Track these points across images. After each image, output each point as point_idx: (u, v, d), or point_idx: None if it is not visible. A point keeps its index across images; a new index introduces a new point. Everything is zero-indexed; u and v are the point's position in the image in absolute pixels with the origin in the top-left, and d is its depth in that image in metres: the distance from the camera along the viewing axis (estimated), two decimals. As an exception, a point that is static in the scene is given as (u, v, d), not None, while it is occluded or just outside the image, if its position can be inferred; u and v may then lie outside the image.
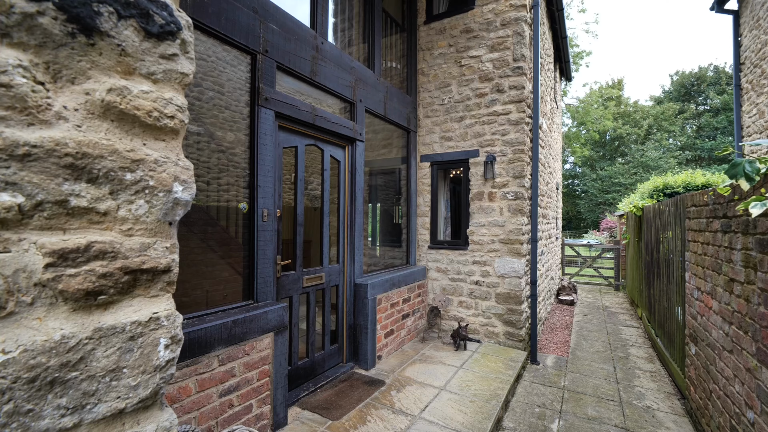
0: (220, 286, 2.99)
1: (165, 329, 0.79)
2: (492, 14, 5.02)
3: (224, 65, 2.95)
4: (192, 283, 2.82)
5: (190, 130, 2.83)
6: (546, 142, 6.63)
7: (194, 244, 2.88)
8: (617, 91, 33.18)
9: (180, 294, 2.71)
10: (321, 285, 3.84)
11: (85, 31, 0.66)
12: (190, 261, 2.80)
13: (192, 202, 0.85)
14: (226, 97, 2.99)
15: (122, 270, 0.72)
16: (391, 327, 4.54)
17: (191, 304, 2.76)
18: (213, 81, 2.91)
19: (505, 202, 4.89)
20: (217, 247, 3.00)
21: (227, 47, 2.92)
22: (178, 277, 2.72)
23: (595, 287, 10.15)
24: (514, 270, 4.78)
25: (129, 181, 0.73)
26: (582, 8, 19.24)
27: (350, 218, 4.22)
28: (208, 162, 2.94)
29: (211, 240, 2.99)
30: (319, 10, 3.82)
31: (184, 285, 2.74)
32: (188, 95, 2.77)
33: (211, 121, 2.88)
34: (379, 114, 4.72)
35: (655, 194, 7.04)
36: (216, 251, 3.00)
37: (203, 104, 2.84)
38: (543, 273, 6.33)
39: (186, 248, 2.82)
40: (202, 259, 2.92)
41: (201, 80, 2.84)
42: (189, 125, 2.85)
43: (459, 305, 5.20)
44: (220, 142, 2.98)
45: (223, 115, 2.99)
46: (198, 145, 2.87)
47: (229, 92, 2.99)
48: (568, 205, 33.67)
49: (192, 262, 2.82)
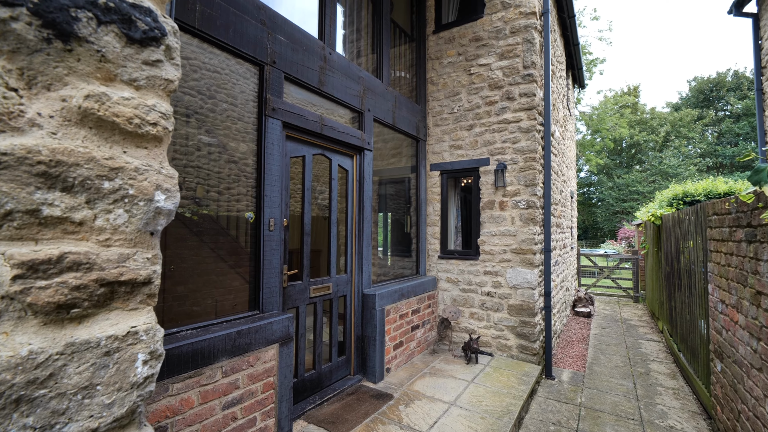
0: (230, 295, 2.99)
1: (144, 344, 0.76)
2: (501, 22, 5.00)
3: (237, 77, 2.99)
4: (203, 292, 2.82)
5: (203, 141, 2.87)
6: (559, 150, 6.51)
7: (205, 254, 2.89)
8: (633, 98, 32.63)
9: (191, 303, 2.73)
10: (328, 295, 3.80)
11: (61, 37, 0.65)
12: (201, 270, 2.81)
13: (177, 211, 0.83)
14: (239, 108, 3.02)
15: (98, 282, 0.69)
16: (400, 339, 4.45)
17: (202, 313, 2.76)
18: (226, 93, 2.95)
19: (516, 211, 4.79)
20: (228, 256, 3.01)
21: (238, 60, 2.96)
22: (190, 286, 2.77)
23: (612, 299, 9.82)
24: (527, 281, 4.65)
25: (107, 189, 0.71)
26: (595, 16, 19.08)
27: (358, 227, 4.18)
28: (221, 172, 2.97)
29: (222, 249, 2.99)
30: (327, 21, 3.85)
31: (195, 294, 2.76)
32: (202, 107, 2.83)
33: (224, 132, 2.92)
34: (387, 123, 4.71)
35: (674, 202, 6.80)
36: (226, 261, 3.00)
37: (217, 116, 2.88)
38: (557, 284, 6.16)
39: (197, 258, 2.84)
40: (213, 268, 2.93)
41: (215, 92, 2.89)
42: (202, 137, 2.90)
43: (470, 317, 5.07)
44: (232, 153, 3.01)
45: (236, 126, 3.03)
46: (211, 156, 2.91)
47: (242, 104, 3.02)
48: (584, 213, 33.01)
49: (203, 272, 2.83)
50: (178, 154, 2.75)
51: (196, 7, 2.60)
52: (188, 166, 2.80)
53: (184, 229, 2.80)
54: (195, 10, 2.59)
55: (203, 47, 2.75)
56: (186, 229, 2.81)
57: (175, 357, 2.24)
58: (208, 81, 2.80)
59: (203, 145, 2.82)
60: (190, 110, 2.75)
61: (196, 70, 2.74)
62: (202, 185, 2.92)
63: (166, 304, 2.64)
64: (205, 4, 2.65)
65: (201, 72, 2.76)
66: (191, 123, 2.77)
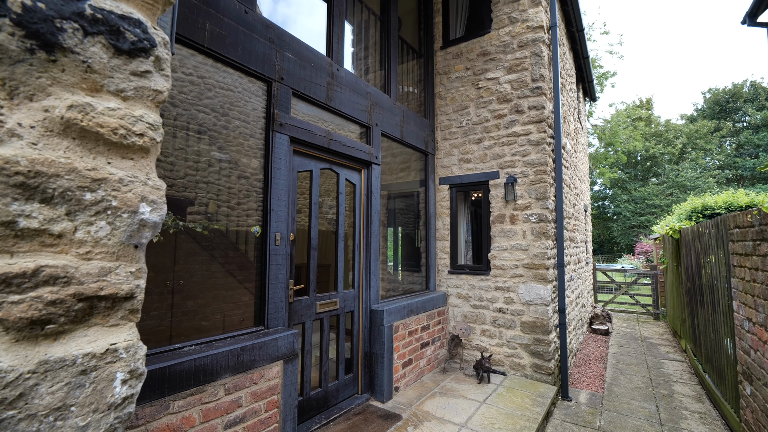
0: (239, 310, 2.97)
1: (123, 362, 0.72)
2: (509, 37, 5.01)
3: (248, 95, 3.05)
4: (212, 307, 2.82)
5: (217, 157, 2.92)
6: (571, 163, 6.41)
7: (215, 269, 2.90)
8: (646, 111, 32.25)
9: (200, 318, 2.72)
10: (335, 311, 3.74)
11: (45, 48, 0.64)
12: (210, 285, 2.82)
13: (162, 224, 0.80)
14: (243, 123, 3.06)
15: (76, 297, 0.67)
16: (409, 356, 4.34)
17: (211, 328, 2.75)
18: (239, 111, 3.01)
19: (528, 225, 4.69)
20: (238, 271, 3.01)
21: (247, 76, 3.01)
22: (200, 301, 2.77)
23: (631, 316, 9.47)
24: (540, 297, 4.51)
25: (89, 201, 0.69)
26: (605, 30, 19.09)
27: (366, 242, 4.14)
28: (233, 188, 3.01)
29: (232, 264, 3.00)
30: (335, 38, 3.92)
31: (205, 309, 2.76)
32: (215, 124, 2.89)
33: (237, 149, 2.96)
34: (395, 137, 4.72)
35: (693, 216, 6.59)
36: (235, 275, 3.00)
37: (230, 132, 2.94)
38: (572, 300, 5.96)
39: (207, 272, 2.85)
40: (223, 283, 2.93)
41: (228, 110, 2.95)
42: (216, 153, 2.95)
43: (482, 334, 4.93)
44: (244, 168, 3.04)
45: (248, 143, 3.08)
46: (224, 172, 2.95)
47: (249, 120, 3.06)
48: (600, 228, 32.33)
49: (213, 286, 2.84)
50: (191, 170, 2.80)
51: (206, 26, 2.67)
52: (201, 181, 2.84)
53: (194, 244, 2.81)
54: (204, 29, 2.66)
55: (211, 64, 2.81)
56: (196, 244, 2.82)
57: (177, 373, 2.20)
58: (221, 99, 2.85)
59: (215, 161, 2.86)
60: (203, 127, 2.80)
61: (210, 88, 2.80)
62: (215, 201, 2.96)
63: (174, 319, 2.63)
64: (214, 24, 2.72)
65: (214, 90, 2.81)
66: (203, 139, 2.82)
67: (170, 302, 2.62)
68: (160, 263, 2.63)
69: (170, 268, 2.68)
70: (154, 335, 2.50)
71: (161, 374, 2.13)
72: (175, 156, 2.72)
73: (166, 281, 2.63)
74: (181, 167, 2.73)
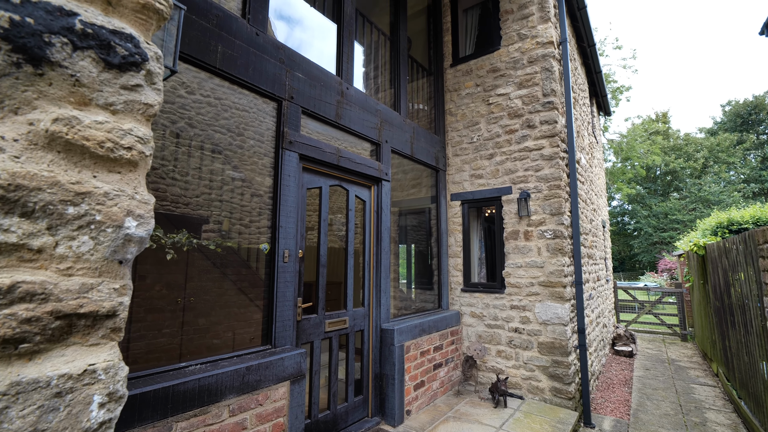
0: (251, 328, 2.95)
1: (102, 384, 0.69)
2: (518, 53, 5.02)
3: (261, 114, 3.12)
4: (224, 325, 2.81)
5: (232, 176, 2.97)
6: (586, 178, 6.27)
7: (227, 286, 2.91)
8: (663, 125, 31.68)
9: (212, 336, 2.70)
10: (344, 330, 3.66)
11: (32, 62, 0.64)
12: (222, 303, 2.82)
13: (149, 239, 0.78)
14: (261, 144, 3.12)
15: (53, 314, 0.64)
16: (421, 378, 4.19)
17: (222, 346, 2.74)
18: (254, 131, 3.08)
19: (543, 241, 4.56)
20: (250, 289, 3.00)
21: (258, 96, 3.08)
22: (213, 319, 2.76)
23: (657, 336, 9.02)
24: (558, 316, 4.33)
25: (71, 215, 0.67)
26: (618, 45, 19.04)
27: (376, 259, 4.09)
28: (247, 206, 3.05)
29: (245, 282, 3.00)
30: (345, 58, 3.99)
31: (216, 327, 2.75)
32: (231, 143, 2.96)
33: (251, 167, 3.02)
34: (405, 154, 4.71)
35: (719, 231, 6.31)
36: (247, 293, 2.99)
37: (245, 151, 3.00)
38: (593, 319, 5.72)
39: (220, 290, 2.85)
40: (235, 300, 2.93)
41: (243, 130, 3.02)
42: (231, 172, 3.01)
43: (497, 355, 4.74)
44: (258, 187, 3.08)
45: (262, 161, 3.12)
46: (239, 191, 3.00)
47: (257, 137, 3.11)
48: (620, 244, 31.41)
49: (225, 304, 2.84)
50: (207, 189, 2.86)
51: (218, 48, 2.75)
52: (216, 200, 2.89)
53: (206, 262, 2.83)
54: (216, 51, 2.74)
55: (227, 86, 2.88)
56: (208, 262, 2.84)
57: (180, 393, 2.16)
58: (236, 119, 2.91)
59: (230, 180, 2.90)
60: (219, 147, 2.86)
61: (227, 109, 2.86)
62: (229, 219, 3.00)
63: (184, 337, 2.62)
64: (226, 46, 2.80)
65: (230, 111, 2.88)
66: (218, 158, 2.88)
67: (181, 319, 2.62)
68: (173, 280, 2.64)
69: (182, 286, 2.69)
70: (166, 353, 2.48)
71: (164, 394, 2.09)
72: (192, 175, 2.78)
73: (177, 298, 2.63)
74: (197, 186, 2.78)
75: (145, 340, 2.44)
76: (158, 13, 0.82)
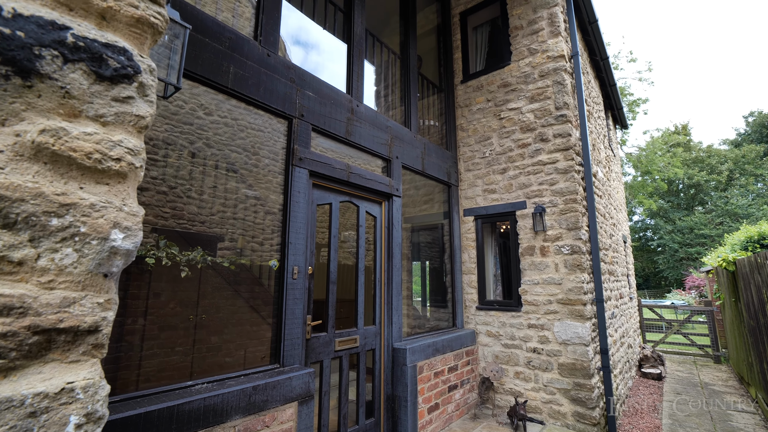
0: (263, 346, 2.92)
1: (79, 404, 0.66)
2: (529, 67, 5.00)
3: (278, 135, 3.18)
4: (235, 343, 2.79)
5: (246, 194, 3.01)
6: (604, 192, 6.10)
7: (240, 304, 2.90)
8: (684, 137, 30.92)
9: (223, 354, 2.68)
10: (355, 348, 3.57)
11: (21, 74, 0.64)
12: (235, 320, 2.81)
13: (136, 252, 0.76)
14: (270, 161, 3.17)
15: (31, 329, 0.62)
16: (435, 400, 4.03)
17: (234, 364, 2.71)
18: (269, 150, 3.13)
19: (560, 257, 4.41)
20: (263, 306, 2.98)
21: (269, 115, 3.14)
22: (225, 336, 2.74)
23: (687, 358, 8.52)
24: (578, 336, 4.14)
25: (55, 227, 0.66)
26: (632, 58, 18.88)
27: (387, 276, 4.02)
28: (261, 224, 3.07)
29: (258, 299, 2.99)
30: (355, 77, 4.05)
31: (229, 345, 2.73)
32: (247, 162, 3.02)
33: (266, 185, 3.06)
34: (416, 169, 4.70)
35: (749, 245, 6.01)
36: (260, 311, 2.97)
37: (260, 170, 3.06)
38: (616, 339, 5.45)
39: (232, 308, 2.85)
40: (248, 318, 2.92)
41: (258, 149, 3.08)
42: (246, 190, 3.05)
43: (515, 377, 4.54)
44: (272, 205, 3.10)
45: (276, 179, 3.17)
46: (253, 209, 3.03)
47: (266, 154, 3.15)
48: (644, 261, 30.31)
49: (237, 322, 2.83)
50: (222, 207, 2.90)
51: (230, 69, 2.82)
52: (231, 218, 2.93)
53: (219, 279, 2.84)
54: (228, 72, 2.81)
55: (243, 107, 2.97)
56: (221, 279, 2.84)
57: (185, 413, 2.12)
58: (258, 140, 2.96)
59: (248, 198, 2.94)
60: (234, 166, 2.92)
61: (243, 129, 2.92)
62: (243, 236, 3.03)
63: (196, 355, 2.60)
64: (237, 67, 2.88)
65: (246, 131, 2.93)
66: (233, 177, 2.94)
67: (193, 337, 2.61)
68: (187, 298, 2.64)
69: (195, 303, 2.69)
70: (177, 370, 2.47)
71: (169, 414, 2.06)
72: (208, 193, 2.83)
73: (190, 316, 2.63)
74: (213, 204, 2.83)
75: (158, 358, 2.43)
76: (153, 27, 0.83)
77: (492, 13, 5.71)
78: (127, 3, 0.78)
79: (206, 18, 2.74)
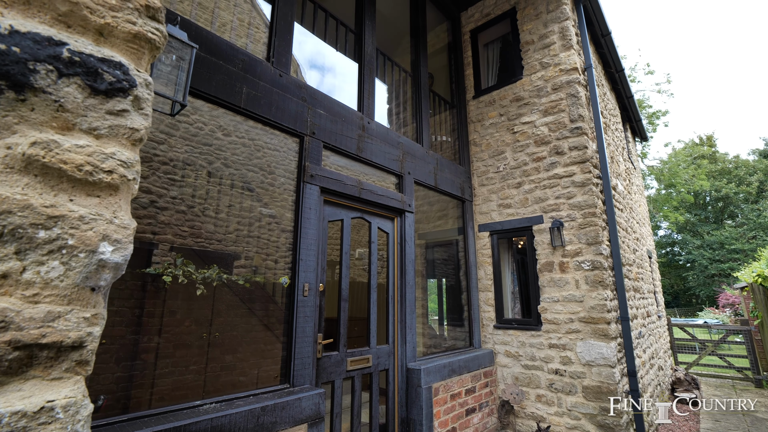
0: (276, 365, 2.88)
1: (59, 424, 0.63)
2: (541, 81, 4.97)
3: (293, 154, 3.25)
4: (249, 362, 2.77)
5: (262, 212, 3.05)
6: (625, 205, 5.91)
7: (254, 322, 2.89)
8: (708, 148, 29.96)
9: (236, 373, 2.66)
10: (368, 368, 3.48)
11: (14, 88, 0.65)
12: (249, 339, 2.80)
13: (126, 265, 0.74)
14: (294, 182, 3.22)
15: (11, 344, 0.60)
16: (452, 424, 3.86)
17: (247, 383, 2.68)
18: (284, 169, 3.19)
19: (580, 273, 4.24)
20: (277, 325, 2.96)
21: (281, 133, 3.19)
22: (239, 355, 2.72)
23: (725, 381, 7.97)
24: (603, 356, 3.92)
25: (42, 239, 0.65)
26: (649, 71, 18.63)
27: (400, 293, 3.94)
28: (276, 241, 3.09)
29: (272, 318, 2.98)
30: (365, 94, 4.10)
31: (242, 364, 2.72)
32: (263, 181, 3.07)
33: (281, 204, 3.10)
34: (429, 185, 4.66)
35: (786, 260, 5.65)
36: (273, 330, 2.95)
37: (275, 189, 3.11)
38: (645, 361, 5.15)
39: (247, 326, 2.84)
40: (262, 337, 2.90)
41: (274, 168, 3.14)
42: (262, 209, 3.09)
43: (537, 400, 4.32)
44: (288, 223, 3.13)
45: (292, 198, 3.21)
46: (269, 227, 3.07)
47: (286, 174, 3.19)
48: (672, 277, 29.01)
49: (251, 340, 2.81)
50: (238, 225, 2.95)
51: (243, 90, 2.89)
52: (247, 236, 2.97)
53: (233, 297, 2.84)
54: (241, 92, 2.88)
55: (260, 128, 3.05)
56: (235, 297, 2.85)
57: (192, 435, 2.08)
58: (274, 160, 3.01)
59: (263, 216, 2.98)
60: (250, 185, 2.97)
61: (259, 148, 2.98)
62: (259, 254, 3.05)
63: (209, 374, 2.58)
64: (250, 87, 2.95)
65: (263, 151, 2.99)
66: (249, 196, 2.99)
67: (206, 355, 2.60)
68: (201, 316, 2.65)
69: (209, 321, 2.69)
70: (191, 390, 2.45)
71: (175, 435, 2.02)
72: (225, 212, 2.88)
73: (203, 334, 2.63)
74: (230, 222, 2.88)
75: (172, 377, 2.42)
76: (151, 42, 0.84)
77: (502, 29, 5.74)
78: (124, 20, 0.79)
79: (220, 42, 2.83)
